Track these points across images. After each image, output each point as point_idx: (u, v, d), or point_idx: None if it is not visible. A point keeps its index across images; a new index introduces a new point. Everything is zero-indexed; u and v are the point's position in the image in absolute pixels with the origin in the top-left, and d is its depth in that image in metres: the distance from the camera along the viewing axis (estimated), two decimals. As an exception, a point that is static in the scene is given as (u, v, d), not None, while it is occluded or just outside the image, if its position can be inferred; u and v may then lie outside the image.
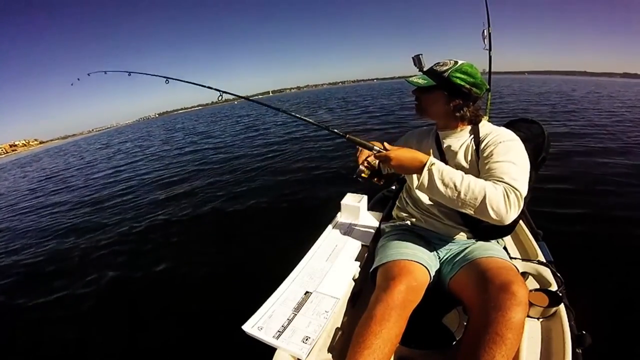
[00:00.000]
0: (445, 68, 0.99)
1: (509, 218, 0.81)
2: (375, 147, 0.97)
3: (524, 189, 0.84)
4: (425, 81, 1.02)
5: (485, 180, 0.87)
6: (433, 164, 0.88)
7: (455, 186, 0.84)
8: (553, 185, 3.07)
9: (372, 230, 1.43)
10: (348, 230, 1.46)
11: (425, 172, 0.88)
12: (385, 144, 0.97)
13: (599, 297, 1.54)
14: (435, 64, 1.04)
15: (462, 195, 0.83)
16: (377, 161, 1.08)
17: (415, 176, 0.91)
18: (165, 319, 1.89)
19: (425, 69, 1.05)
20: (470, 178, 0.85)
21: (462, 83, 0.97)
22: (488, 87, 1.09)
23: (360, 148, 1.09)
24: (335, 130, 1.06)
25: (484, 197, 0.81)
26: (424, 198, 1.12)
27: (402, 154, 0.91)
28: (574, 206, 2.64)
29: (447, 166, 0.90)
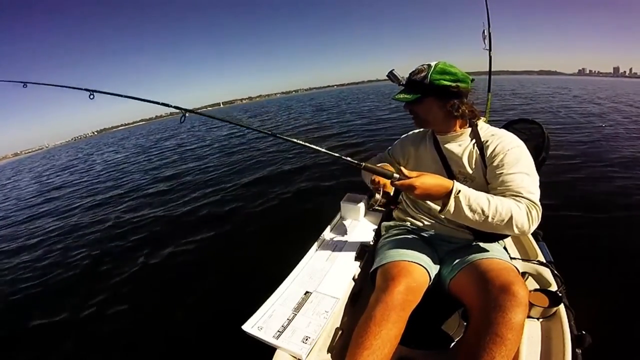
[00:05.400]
0: (423, 75, 0.97)
1: (529, 232, 0.85)
2: (394, 175, 0.88)
3: (539, 200, 0.86)
4: (411, 95, 0.99)
5: (503, 193, 0.88)
6: (459, 190, 0.83)
7: (482, 211, 0.82)
8: (552, 185, 3.06)
9: (372, 231, 1.43)
10: (348, 230, 1.46)
11: (452, 200, 0.83)
12: (403, 169, 0.88)
13: (599, 297, 1.53)
14: (410, 74, 1.01)
15: (489, 219, 0.82)
16: (394, 188, 0.99)
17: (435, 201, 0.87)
18: (165, 319, 1.89)
19: (404, 82, 1.02)
20: (496, 200, 0.83)
21: (447, 83, 0.95)
22: (472, 82, 1.03)
23: (374, 176, 1.02)
24: (349, 159, 0.96)
25: (510, 218, 0.81)
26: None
27: (427, 181, 0.83)
28: (573, 206, 2.64)
29: (472, 190, 0.85)
